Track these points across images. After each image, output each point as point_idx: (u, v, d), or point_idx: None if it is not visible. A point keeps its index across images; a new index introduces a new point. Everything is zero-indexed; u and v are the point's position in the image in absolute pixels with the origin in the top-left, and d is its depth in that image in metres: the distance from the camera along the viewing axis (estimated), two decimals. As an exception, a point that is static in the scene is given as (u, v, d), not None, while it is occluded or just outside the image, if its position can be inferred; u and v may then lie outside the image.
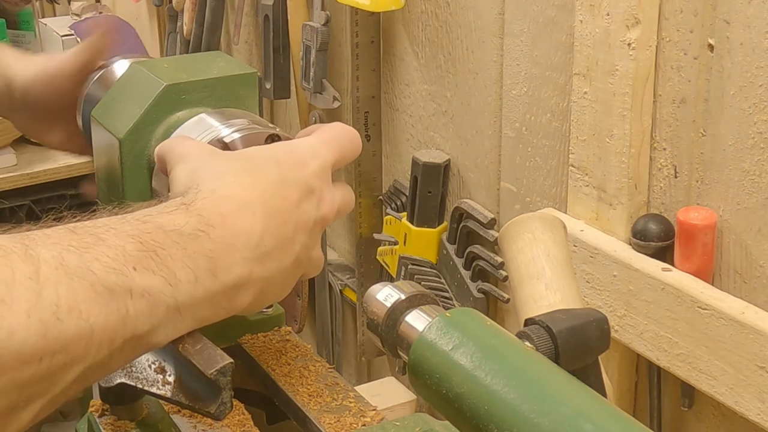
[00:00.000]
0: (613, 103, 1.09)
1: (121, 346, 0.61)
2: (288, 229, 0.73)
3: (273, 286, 0.73)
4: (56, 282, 0.57)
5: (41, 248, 0.58)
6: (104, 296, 0.59)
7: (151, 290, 0.62)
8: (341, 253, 1.83)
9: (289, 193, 0.74)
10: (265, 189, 0.72)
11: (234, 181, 0.72)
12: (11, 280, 0.55)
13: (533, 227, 0.80)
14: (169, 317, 0.64)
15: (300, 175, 0.75)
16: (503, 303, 1.39)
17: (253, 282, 0.70)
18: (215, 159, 0.76)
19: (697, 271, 1.04)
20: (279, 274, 0.72)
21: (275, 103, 1.95)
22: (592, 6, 1.09)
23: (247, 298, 0.70)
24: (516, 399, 0.57)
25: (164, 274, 0.63)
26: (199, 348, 0.78)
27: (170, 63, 0.98)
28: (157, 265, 0.63)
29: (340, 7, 1.56)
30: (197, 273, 0.65)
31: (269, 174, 0.74)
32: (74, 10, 2.41)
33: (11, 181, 1.97)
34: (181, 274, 0.64)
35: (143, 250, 0.62)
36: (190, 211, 0.68)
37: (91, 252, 0.60)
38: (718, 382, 1.01)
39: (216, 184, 0.71)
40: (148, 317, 0.62)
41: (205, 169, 0.73)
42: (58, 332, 0.56)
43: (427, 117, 1.50)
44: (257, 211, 0.70)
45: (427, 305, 0.68)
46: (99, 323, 0.58)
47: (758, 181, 0.98)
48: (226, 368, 0.75)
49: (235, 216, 0.69)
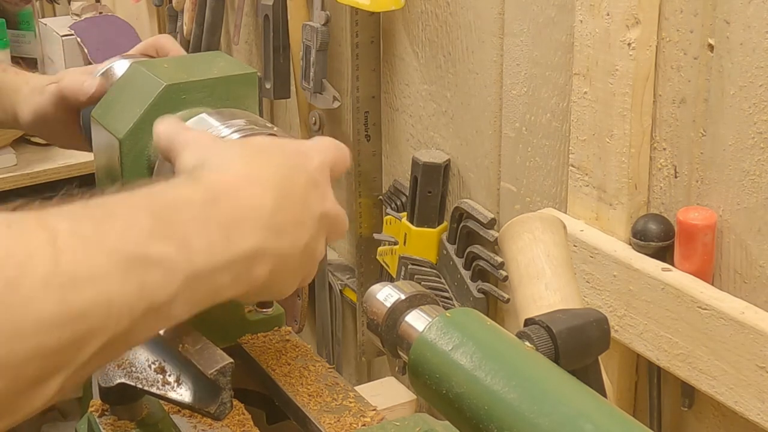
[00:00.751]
0: (613, 103, 1.09)
1: (141, 316, 0.60)
2: (298, 211, 0.72)
3: (287, 265, 0.72)
4: (73, 250, 0.57)
5: (55, 219, 0.58)
6: (120, 264, 0.59)
7: (166, 258, 0.62)
8: (341, 253, 1.83)
9: (297, 179, 0.74)
10: (274, 171, 0.72)
11: (242, 162, 0.72)
12: (29, 248, 0.55)
13: (533, 227, 0.80)
14: (187, 286, 0.63)
15: (304, 166, 0.75)
16: (503, 303, 1.39)
17: (268, 255, 0.69)
18: (222, 144, 0.77)
19: (697, 271, 1.04)
20: (293, 253, 0.72)
21: (275, 103, 1.95)
22: (592, 6, 1.09)
23: (263, 270, 0.69)
24: (516, 399, 0.58)
25: (178, 242, 0.63)
26: (199, 348, 0.78)
27: (170, 63, 0.98)
28: (170, 234, 0.63)
29: (340, 7, 1.56)
30: (211, 240, 0.65)
31: (277, 159, 0.74)
32: (74, 10, 2.41)
33: (11, 181, 1.97)
34: (195, 241, 0.64)
35: (155, 219, 0.63)
36: (197, 184, 0.68)
37: (104, 223, 0.60)
38: (718, 382, 1.01)
39: (224, 163, 0.72)
40: (165, 286, 0.62)
41: (213, 153, 0.74)
42: (77, 300, 0.56)
43: (427, 117, 1.50)
44: (267, 189, 0.70)
45: (427, 305, 0.68)
46: (116, 291, 0.58)
47: (758, 181, 0.98)
48: (226, 368, 0.76)
49: (245, 190, 0.69)
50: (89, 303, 0.57)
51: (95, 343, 0.58)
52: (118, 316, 0.59)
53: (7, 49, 2.15)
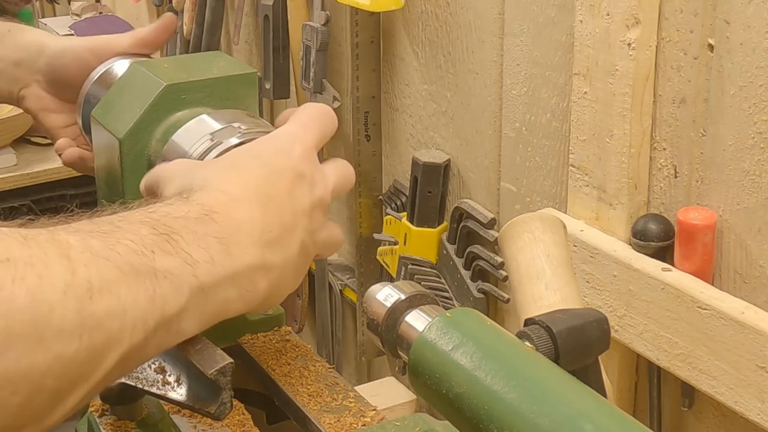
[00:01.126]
0: (613, 103, 1.09)
1: (153, 329, 0.62)
2: (286, 216, 0.74)
3: (286, 273, 0.74)
4: (86, 262, 0.58)
5: (65, 234, 0.60)
6: (131, 276, 0.60)
7: (173, 271, 0.63)
8: (341, 253, 1.83)
9: (278, 182, 0.75)
10: (251, 181, 0.74)
11: (222, 178, 0.73)
12: (46, 259, 0.56)
13: (533, 227, 0.80)
14: (195, 298, 0.65)
15: (285, 163, 0.76)
16: (503, 303, 1.39)
17: (267, 267, 0.71)
18: (200, 167, 0.78)
19: (697, 271, 1.04)
20: (289, 261, 0.74)
21: (275, 103, 1.95)
22: (592, 6, 1.09)
23: (265, 283, 0.71)
24: (516, 399, 0.57)
25: (181, 255, 0.64)
26: (199, 348, 0.78)
27: (170, 63, 0.98)
28: (173, 248, 0.64)
29: (340, 7, 1.56)
30: (212, 254, 0.67)
31: (252, 168, 0.75)
32: (74, 10, 2.42)
33: (11, 181, 1.97)
34: (197, 254, 0.66)
35: (157, 234, 0.64)
36: (190, 202, 0.70)
37: (112, 237, 0.61)
38: (718, 382, 1.01)
39: (206, 183, 0.73)
40: (174, 298, 0.63)
41: (193, 176, 0.75)
42: (93, 310, 0.57)
43: (427, 117, 1.50)
44: (252, 203, 0.72)
45: (427, 305, 0.68)
46: (129, 302, 0.59)
47: (758, 181, 0.98)
48: (226, 368, 0.75)
49: (233, 205, 0.71)
50: (105, 313, 0.58)
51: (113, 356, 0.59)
52: (133, 328, 0.60)
53: (7, 49, 2.14)
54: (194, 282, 0.65)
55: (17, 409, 0.53)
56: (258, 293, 0.71)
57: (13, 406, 0.53)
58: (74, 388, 0.57)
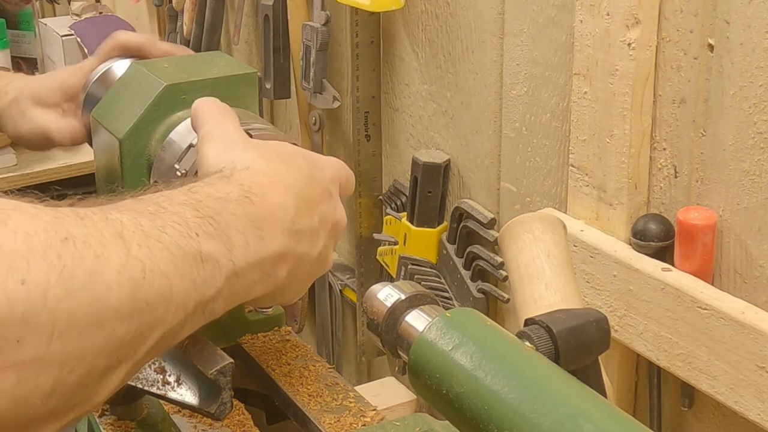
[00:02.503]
0: (613, 103, 1.09)
1: (192, 311, 0.62)
2: (314, 219, 0.76)
3: (303, 268, 0.75)
4: (139, 242, 0.58)
5: (117, 213, 0.60)
6: (179, 259, 0.61)
7: (214, 255, 0.64)
8: (341, 253, 1.83)
9: (314, 189, 0.77)
10: (294, 177, 0.75)
11: (267, 162, 0.75)
12: (102, 238, 0.56)
13: (533, 227, 0.80)
14: (229, 282, 0.66)
15: (321, 176, 0.79)
16: (503, 303, 1.39)
17: (290, 255, 0.72)
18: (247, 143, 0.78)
19: (697, 271, 1.04)
20: (310, 257, 0.75)
21: (275, 103, 1.95)
22: (592, 6, 1.09)
23: (284, 271, 0.72)
24: (516, 399, 0.58)
25: (222, 239, 0.65)
26: (199, 348, 0.78)
27: (170, 63, 0.98)
28: (216, 231, 0.65)
29: (340, 7, 1.56)
30: (248, 238, 0.68)
31: (297, 165, 0.77)
32: (74, 10, 2.41)
33: (11, 181, 1.97)
34: (235, 239, 0.66)
35: (201, 216, 0.65)
36: (231, 181, 0.71)
37: (160, 218, 0.62)
38: (718, 382, 1.01)
39: (251, 162, 0.74)
40: (213, 282, 0.64)
41: (238, 151, 0.76)
42: (145, 291, 0.57)
43: (427, 117, 1.50)
44: (288, 192, 0.73)
45: (427, 305, 0.68)
46: (177, 285, 0.60)
47: (758, 181, 0.98)
48: (226, 368, 0.76)
49: (271, 189, 0.72)
50: (156, 295, 0.58)
51: (154, 336, 0.59)
52: (176, 310, 0.60)
53: (7, 49, 2.14)
54: (230, 267, 0.65)
55: (71, 389, 0.53)
56: (278, 279, 0.72)
57: (69, 385, 0.53)
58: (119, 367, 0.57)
